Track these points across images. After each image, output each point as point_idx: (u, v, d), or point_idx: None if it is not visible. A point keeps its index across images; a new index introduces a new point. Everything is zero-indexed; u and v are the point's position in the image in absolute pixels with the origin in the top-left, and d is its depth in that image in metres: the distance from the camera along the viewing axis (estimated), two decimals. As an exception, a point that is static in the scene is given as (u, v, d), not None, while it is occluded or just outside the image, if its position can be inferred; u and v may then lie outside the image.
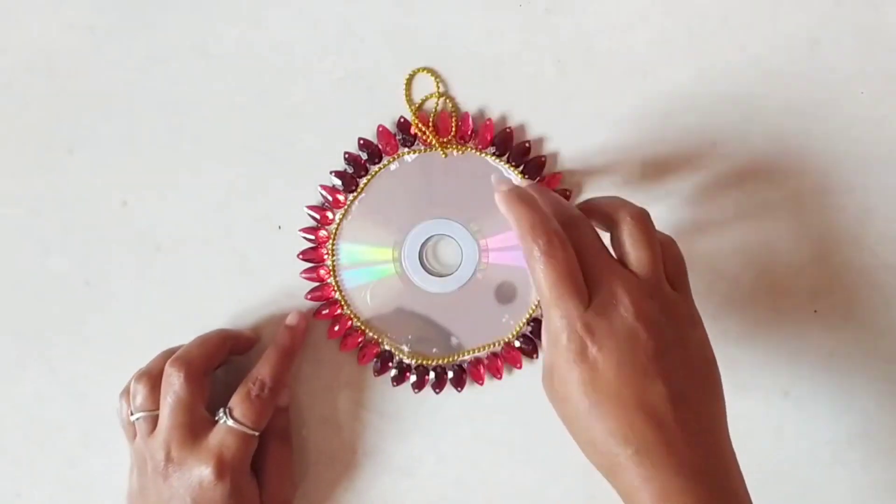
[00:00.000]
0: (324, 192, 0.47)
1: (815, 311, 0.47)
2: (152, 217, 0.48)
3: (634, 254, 0.38)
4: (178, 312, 0.48)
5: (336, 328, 0.47)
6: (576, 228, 0.39)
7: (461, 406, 0.48)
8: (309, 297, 0.47)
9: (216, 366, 0.46)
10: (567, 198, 0.47)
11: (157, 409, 0.44)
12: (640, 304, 0.37)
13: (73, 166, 0.48)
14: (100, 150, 0.48)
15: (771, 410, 0.48)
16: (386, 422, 0.48)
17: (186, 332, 0.47)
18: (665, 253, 0.40)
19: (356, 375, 0.48)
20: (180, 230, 0.48)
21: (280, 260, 0.48)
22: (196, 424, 0.43)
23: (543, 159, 0.47)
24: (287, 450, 0.47)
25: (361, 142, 0.47)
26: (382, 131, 0.47)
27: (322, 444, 0.48)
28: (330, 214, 0.47)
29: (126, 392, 0.45)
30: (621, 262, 0.39)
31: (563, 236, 0.37)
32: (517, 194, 0.39)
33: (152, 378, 0.44)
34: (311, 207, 0.47)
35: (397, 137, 0.47)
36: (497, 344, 0.47)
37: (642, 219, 0.39)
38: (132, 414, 0.44)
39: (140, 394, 0.44)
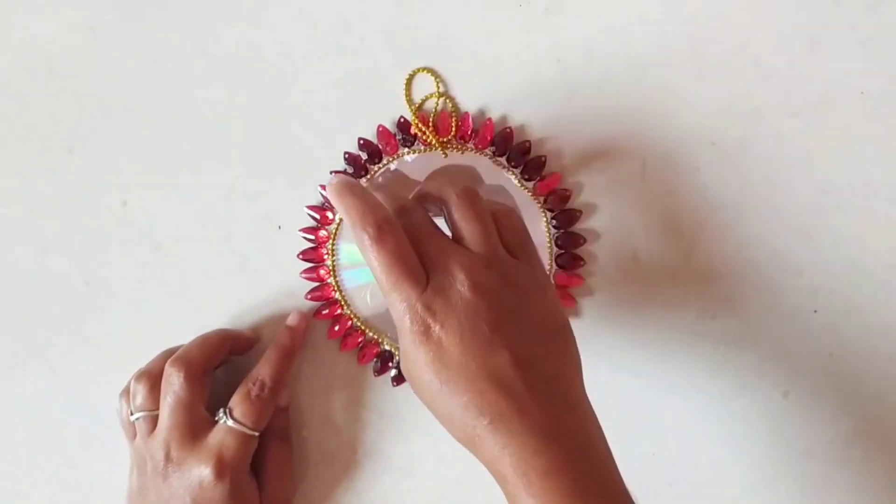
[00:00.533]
0: (324, 193, 0.47)
1: (815, 311, 0.47)
2: (152, 217, 0.48)
3: (465, 229, 0.39)
4: (178, 312, 0.48)
5: (336, 328, 0.47)
6: (406, 215, 0.39)
7: (461, 406, 0.48)
8: (309, 297, 0.47)
9: (216, 366, 0.46)
10: (567, 198, 0.47)
11: (157, 408, 0.44)
12: (475, 276, 0.37)
13: (73, 166, 0.48)
14: (100, 150, 0.48)
15: (771, 410, 0.48)
16: (386, 422, 0.48)
17: (186, 332, 0.47)
18: (502, 223, 0.40)
19: (356, 375, 0.48)
20: (180, 230, 0.48)
21: (280, 260, 0.48)
22: (196, 424, 0.43)
23: (543, 159, 0.47)
24: (287, 450, 0.47)
25: (361, 142, 0.47)
26: (382, 131, 0.47)
27: (322, 444, 0.48)
28: (330, 215, 0.47)
29: (126, 392, 0.45)
30: (457, 240, 0.39)
31: (393, 222, 0.37)
32: (346, 185, 0.39)
33: (152, 378, 0.44)
34: (311, 207, 0.47)
35: (397, 137, 0.47)
36: None
37: (468, 195, 0.40)
38: (132, 414, 0.44)
39: (140, 394, 0.44)
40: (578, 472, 0.35)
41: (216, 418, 0.44)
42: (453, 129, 0.46)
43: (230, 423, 0.43)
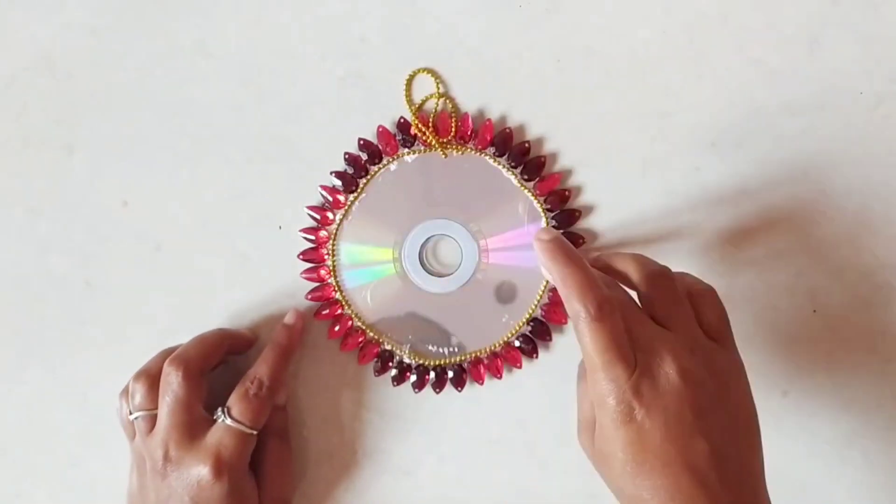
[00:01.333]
0: (324, 193, 0.47)
1: (815, 311, 0.47)
2: (152, 217, 0.48)
3: (665, 313, 0.39)
4: (178, 312, 0.48)
5: (336, 328, 0.47)
6: (616, 291, 0.39)
7: (461, 406, 0.48)
8: (309, 297, 0.47)
9: (214, 365, 0.46)
10: (566, 198, 0.47)
11: (156, 408, 0.44)
12: (681, 361, 0.37)
13: (73, 166, 0.48)
14: (100, 150, 0.48)
15: (770, 410, 0.48)
16: (386, 422, 0.48)
17: (186, 331, 0.47)
18: (702, 303, 0.40)
19: (356, 375, 0.48)
20: (180, 230, 0.48)
21: (280, 260, 0.48)
22: (194, 423, 0.43)
23: (543, 159, 0.47)
24: (286, 448, 0.47)
25: (361, 142, 0.47)
26: (382, 132, 0.47)
27: (322, 444, 0.48)
28: (330, 215, 0.47)
29: (125, 391, 0.45)
30: (658, 324, 0.39)
31: (613, 303, 0.37)
32: (563, 248, 0.38)
33: (151, 377, 0.44)
34: (311, 208, 0.47)
35: (397, 138, 0.47)
36: (497, 344, 0.47)
37: (664, 277, 0.39)
38: (131, 413, 0.44)
39: (139, 393, 0.44)
40: None
41: (214, 417, 0.44)
42: (453, 129, 0.46)
43: (228, 421, 0.43)
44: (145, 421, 0.44)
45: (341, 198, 0.47)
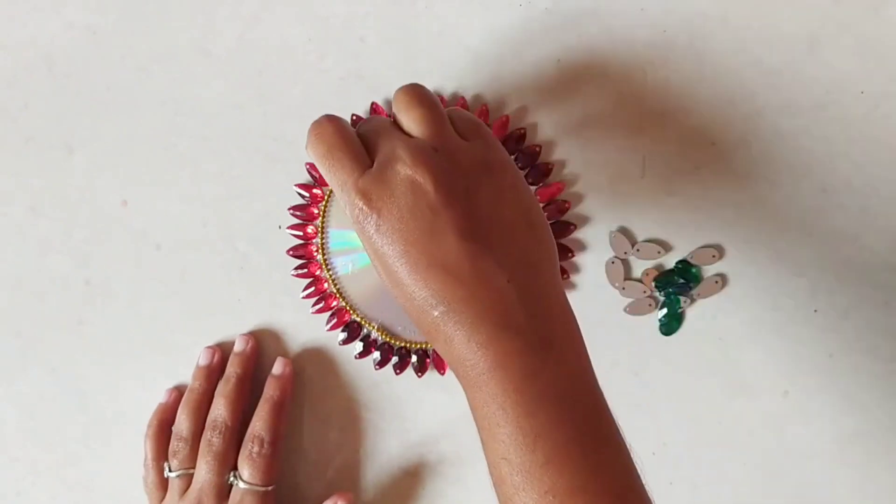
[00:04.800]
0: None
1: (815, 311, 0.47)
2: (152, 217, 0.48)
3: (410, 114, 0.36)
4: (178, 312, 0.48)
5: (311, 290, 0.47)
6: (365, 123, 0.38)
7: (461, 406, 0.48)
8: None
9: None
10: (564, 210, 0.47)
11: (193, 467, 0.45)
12: (419, 157, 0.34)
13: (73, 166, 0.48)
14: (100, 150, 0.48)
15: (771, 410, 0.48)
16: (386, 422, 0.48)
17: (186, 332, 0.47)
18: (451, 114, 0.38)
19: (356, 375, 0.48)
20: (180, 230, 0.48)
21: (280, 259, 0.48)
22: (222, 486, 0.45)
23: (551, 166, 0.46)
24: None
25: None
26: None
27: (322, 444, 0.48)
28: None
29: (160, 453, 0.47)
30: (405, 132, 0.37)
31: (332, 118, 0.36)
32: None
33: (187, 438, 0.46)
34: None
35: None
36: None
37: (412, 85, 0.37)
38: (169, 470, 0.46)
39: (180, 452, 0.46)
40: (537, 364, 0.33)
41: (228, 481, 0.45)
42: None
43: (242, 485, 0.44)
44: (181, 480, 0.45)
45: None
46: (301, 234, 0.47)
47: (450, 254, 0.34)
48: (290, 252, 0.47)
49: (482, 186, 0.35)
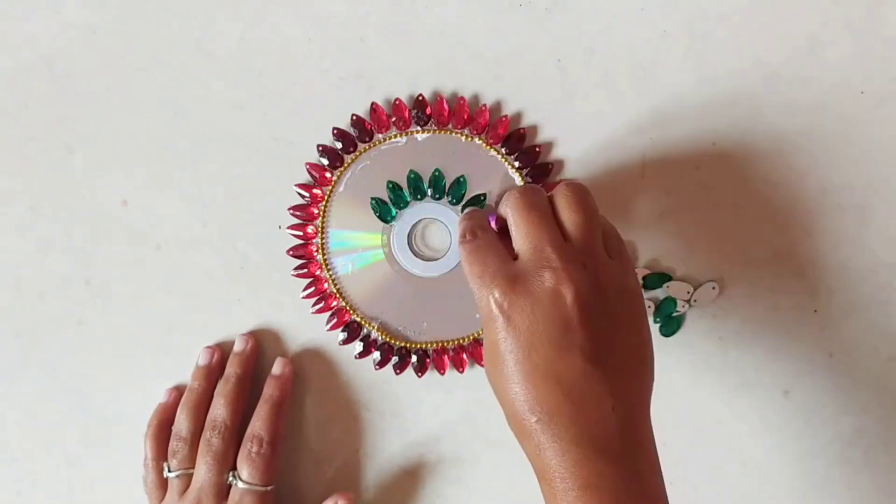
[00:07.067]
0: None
1: (815, 311, 0.47)
2: (152, 217, 0.48)
3: (572, 217, 0.37)
4: (178, 312, 0.48)
5: (311, 290, 0.47)
6: (508, 199, 0.39)
7: (461, 406, 0.48)
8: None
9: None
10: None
11: (193, 467, 0.45)
12: (568, 271, 0.35)
13: (73, 166, 0.48)
14: (100, 150, 0.48)
15: (771, 410, 0.48)
16: (386, 422, 0.48)
17: (186, 332, 0.47)
18: (603, 227, 0.39)
19: (356, 375, 0.48)
20: (180, 230, 0.48)
21: (280, 259, 0.48)
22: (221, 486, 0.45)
23: (550, 166, 0.46)
24: None
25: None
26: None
27: (322, 444, 0.48)
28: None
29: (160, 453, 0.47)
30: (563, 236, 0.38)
31: (483, 229, 0.39)
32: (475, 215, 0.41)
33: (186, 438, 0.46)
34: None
35: (412, 113, 0.46)
36: (466, 338, 0.47)
37: (576, 186, 0.39)
38: (168, 471, 0.46)
39: (180, 452, 0.45)
40: (623, 489, 0.34)
41: (227, 481, 0.45)
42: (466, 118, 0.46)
43: (241, 485, 0.44)
44: (181, 480, 0.45)
45: (328, 174, 0.47)
46: (301, 234, 0.47)
47: (569, 370, 0.35)
48: (290, 252, 0.47)
49: (615, 313, 0.36)
